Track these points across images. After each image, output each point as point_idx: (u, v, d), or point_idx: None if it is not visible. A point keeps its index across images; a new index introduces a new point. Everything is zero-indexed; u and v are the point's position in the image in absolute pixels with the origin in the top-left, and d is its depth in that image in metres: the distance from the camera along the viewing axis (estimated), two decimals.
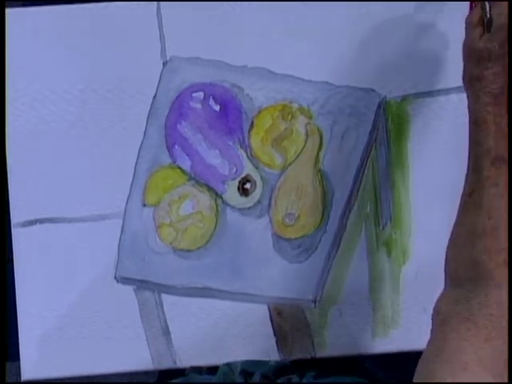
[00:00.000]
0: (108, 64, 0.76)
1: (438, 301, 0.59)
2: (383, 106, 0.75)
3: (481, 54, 0.58)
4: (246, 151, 0.75)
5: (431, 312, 0.74)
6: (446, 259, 0.61)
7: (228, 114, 0.75)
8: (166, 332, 0.74)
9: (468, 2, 0.70)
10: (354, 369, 0.88)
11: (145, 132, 0.75)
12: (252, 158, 0.75)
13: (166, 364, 0.74)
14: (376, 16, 0.76)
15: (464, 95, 0.75)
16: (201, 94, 0.75)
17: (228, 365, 0.72)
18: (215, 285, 0.74)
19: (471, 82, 0.59)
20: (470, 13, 0.61)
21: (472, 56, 0.59)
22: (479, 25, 0.59)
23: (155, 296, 0.75)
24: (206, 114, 0.75)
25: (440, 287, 0.74)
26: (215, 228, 0.75)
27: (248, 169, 0.75)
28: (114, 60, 0.76)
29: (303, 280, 0.74)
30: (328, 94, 0.75)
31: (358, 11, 0.76)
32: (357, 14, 0.76)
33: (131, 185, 0.75)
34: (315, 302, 0.74)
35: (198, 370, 0.76)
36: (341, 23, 0.76)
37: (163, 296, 0.75)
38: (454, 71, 0.76)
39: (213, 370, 0.74)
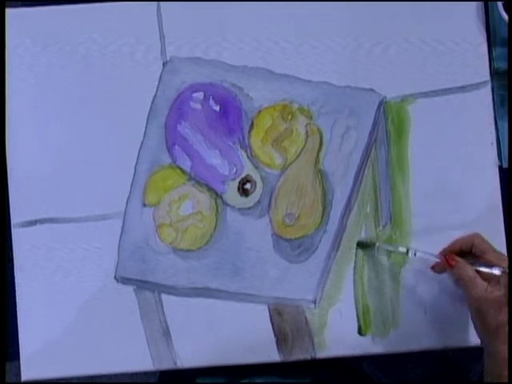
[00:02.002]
0: (108, 64, 0.76)
1: None
2: (383, 106, 0.75)
3: (500, 299, 0.64)
4: (246, 151, 0.75)
5: (431, 312, 0.75)
6: None
7: (228, 114, 0.75)
8: (166, 332, 0.74)
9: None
10: (352, 373, 0.89)
11: (145, 132, 0.75)
12: (252, 158, 0.75)
13: (166, 364, 0.74)
14: (376, 16, 0.76)
15: (464, 95, 0.76)
16: (201, 94, 0.75)
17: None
18: (215, 285, 0.74)
19: (499, 329, 0.64)
20: (456, 268, 0.68)
21: (490, 305, 0.64)
22: (477, 276, 0.66)
23: (155, 296, 0.75)
24: (206, 114, 0.75)
25: (440, 287, 0.74)
26: (215, 228, 0.75)
27: (248, 169, 0.75)
28: (113, 60, 0.76)
29: (303, 280, 0.74)
30: (328, 93, 0.75)
31: (358, 11, 0.76)
32: (357, 14, 0.76)
33: (131, 185, 0.75)
34: (315, 302, 0.74)
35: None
36: (341, 23, 0.76)
37: (163, 296, 0.75)
38: (453, 71, 0.76)
39: (213, 370, 0.74)
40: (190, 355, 0.74)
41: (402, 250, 0.72)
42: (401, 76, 0.76)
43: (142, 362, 0.74)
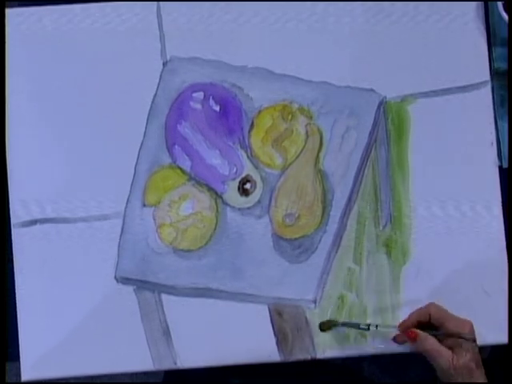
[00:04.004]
0: (108, 64, 0.76)
1: None
2: (383, 106, 0.75)
3: (468, 365, 0.65)
4: (246, 151, 0.75)
5: None
6: None
7: (228, 114, 0.75)
8: (166, 332, 0.74)
9: None
10: (352, 374, 0.89)
11: (145, 132, 0.75)
12: (252, 158, 0.75)
13: (166, 364, 0.74)
14: (376, 16, 0.76)
15: (464, 95, 0.76)
16: (201, 94, 0.75)
17: None
18: (215, 285, 0.74)
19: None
20: (418, 342, 0.68)
21: (460, 373, 0.65)
22: (440, 346, 0.66)
23: (155, 296, 0.75)
24: (206, 114, 0.75)
25: (440, 287, 0.74)
26: (215, 228, 0.75)
27: (248, 169, 0.75)
28: (114, 60, 0.76)
29: (303, 280, 0.74)
30: (328, 93, 0.75)
31: (358, 11, 0.76)
32: (357, 14, 0.76)
33: (131, 185, 0.75)
34: (315, 302, 0.74)
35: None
36: (341, 23, 0.76)
37: (163, 296, 0.75)
38: (453, 71, 0.76)
39: (214, 370, 0.74)
40: (189, 355, 0.74)
41: (363, 327, 0.71)
42: (401, 76, 0.76)
43: (142, 362, 0.74)
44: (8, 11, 0.76)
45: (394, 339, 0.71)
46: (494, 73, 0.76)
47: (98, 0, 0.76)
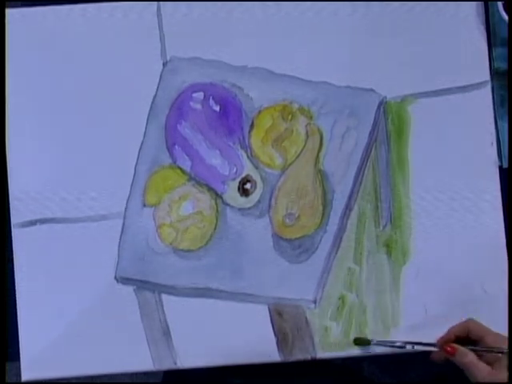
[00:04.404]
0: (108, 64, 0.76)
1: None
2: (383, 106, 0.75)
3: (505, 382, 0.64)
4: (246, 151, 0.75)
5: (431, 312, 0.75)
6: None
7: (228, 114, 0.75)
8: (166, 332, 0.74)
9: None
10: (352, 374, 0.89)
11: (145, 132, 0.75)
12: (252, 158, 0.75)
13: (166, 364, 0.74)
14: (376, 16, 0.76)
15: (464, 95, 0.76)
16: (201, 94, 0.75)
17: None
18: (215, 285, 0.74)
19: None
20: (456, 356, 0.67)
21: None
22: (479, 361, 0.65)
23: (155, 296, 0.75)
24: (206, 115, 0.75)
25: (440, 287, 0.74)
26: (215, 228, 0.75)
27: (248, 169, 0.75)
28: (114, 60, 0.76)
29: (303, 280, 0.74)
30: (328, 93, 0.75)
31: (358, 11, 0.76)
32: (357, 14, 0.76)
33: (131, 185, 0.75)
34: (315, 302, 0.74)
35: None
36: (341, 23, 0.76)
37: (163, 296, 0.75)
38: (453, 71, 0.76)
39: (213, 370, 0.74)
40: (189, 355, 0.74)
41: (401, 344, 0.71)
42: (401, 76, 0.76)
43: (142, 362, 0.74)
44: (8, 11, 0.76)
45: (433, 358, 0.71)
46: (494, 73, 0.76)
47: (98, 0, 0.76)
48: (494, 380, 0.65)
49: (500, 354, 0.66)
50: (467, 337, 0.69)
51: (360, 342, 0.73)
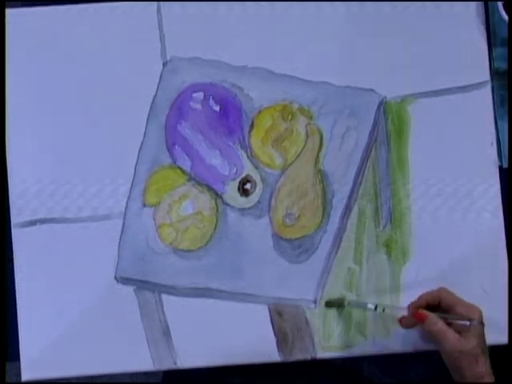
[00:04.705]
0: (108, 64, 0.76)
1: None
2: (383, 106, 0.75)
3: (474, 351, 0.65)
4: (246, 151, 0.75)
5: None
6: None
7: (228, 114, 0.75)
8: (166, 332, 0.74)
9: None
10: (352, 374, 0.89)
11: (145, 132, 0.75)
12: (252, 158, 0.75)
13: (166, 364, 0.74)
14: (376, 16, 0.76)
15: (464, 95, 0.76)
16: (201, 94, 0.75)
17: None
18: (215, 285, 0.74)
19: (477, 381, 0.64)
20: (426, 323, 0.67)
21: (465, 358, 0.64)
22: (448, 329, 0.66)
23: (155, 296, 0.75)
24: (206, 115, 0.75)
25: (440, 287, 0.74)
26: (215, 228, 0.75)
27: (248, 169, 0.75)
28: (114, 60, 0.76)
29: (303, 280, 0.74)
30: (328, 93, 0.75)
31: (358, 11, 0.76)
32: (357, 14, 0.76)
33: (131, 185, 0.75)
34: (315, 302, 0.74)
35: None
36: (341, 23, 0.76)
37: (163, 296, 0.75)
38: (453, 71, 0.76)
39: (213, 370, 0.74)
40: (189, 355, 0.74)
41: (371, 306, 0.71)
42: (401, 76, 0.76)
43: (142, 362, 0.74)
44: (8, 11, 0.76)
45: (400, 322, 0.71)
46: (494, 73, 0.76)
47: (98, 0, 0.76)
48: (461, 347, 0.65)
49: (469, 323, 0.66)
50: (438, 305, 0.69)
51: (332, 304, 0.73)
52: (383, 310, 0.71)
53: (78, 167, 0.75)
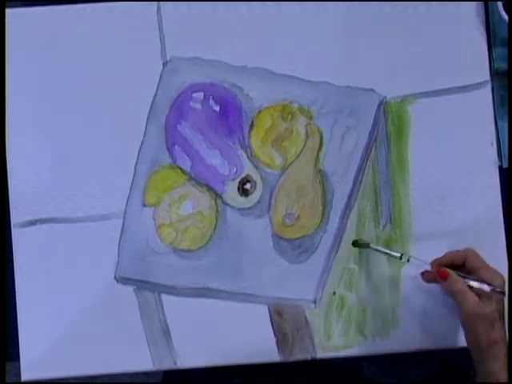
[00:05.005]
0: (108, 64, 0.76)
1: None
2: (383, 106, 0.75)
3: (492, 315, 0.64)
4: (246, 151, 0.75)
5: (431, 312, 0.74)
6: None
7: (228, 114, 0.75)
8: (166, 332, 0.74)
9: None
10: (352, 374, 0.89)
11: (145, 132, 0.75)
12: (252, 158, 0.75)
13: (166, 364, 0.74)
14: (376, 16, 0.76)
15: (464, 95, 0.76)
16: (201, 94, 0.75)
17: None
18: (215, 285, 0.74)
19: (491, 347, 0.64)
20: (447, 281, 0.67)
21: (482, 321, 0.64)
22: (468, 290, 0.65)
23: (155, 296, 0.75)
24: (206, 114, 0.75)
25: (440, 287, 0.74)
26: (215, 228, 0.75)
27: (248, 169, 0.75)
28: (114, 60, 0.76)
29: (303, 280, 0.74)
30: (328, 93, 0.75)
31: (358, 11, 0.76)
32: (357, 14, 0.76)
33: (131, 185, 0.75)
34: (315, 302, 0.74)
35: None
36: (341, 23, 0.76)
37: (163, 296, 0.75)
38: (453, 71, 0.76)
39: (213, 370, 0.74)
40: (189, 355, 0.74)
41: (396, 254, 0.71)
42: (401, 76, 0.76)
43: (142, 362, 0.74)
44: (8, 11, 0.76)
45: (423, 276, 0.71)
46: (494, 73, 0.76)
47: (98, 0, 0.76)
48: (479, 311, 0.64)
49: (489, 290, 0.65)
50: (463, 266, 0.69)
51: (359, 244, 0.73)
52: (408, 260, 0.70)
53: (77, 167, 0.75)
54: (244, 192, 0.75)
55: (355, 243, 0.74)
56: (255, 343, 0.74)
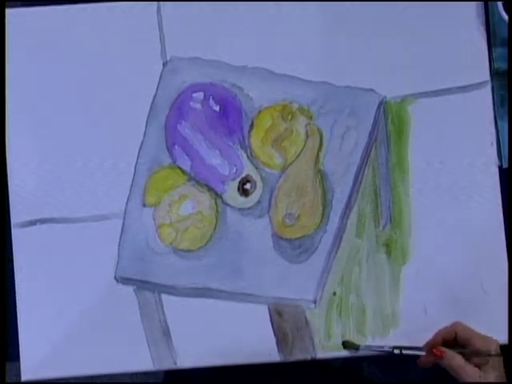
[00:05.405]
0: (108, 64, 0.76)
1: None
2: (383, 106, 0.75)
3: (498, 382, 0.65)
4: (246, 151, 0.75)
5: (431, 312, 0.75)
6: None
7: (228, 114, 0.75)
8: (166, 332, 0.74)
9: None
10: (352, 373, 0.89)
11: (145, 132, 0.75)
12: (252, 158, 0.75)
13: (166, 364, 0.74)
14: (376, 16, 0.76)
15: (464, 95, 0.76)
16: (201, 94, 0.75)
17: None
18: (215, 285, 0.74)
19: None
20: (444, 359, 0.67)
21: None
22: (467, 364, 0.65)
23: (155, 296, 0.75)
24: (206, 114, 0.75)
25: (440, 287, 0.74)
26: (215, 228, 0.75)
27: (248, 169, 0.75)
28: (113, 60, 0.76)
29: (303, 280, 0.74)
30: (328, 94, 0.75)
31: (359, 11, 0.76)
32: (357, 14, 0.76)
33: (131, 185, 0.75)
34: (315, 302, 0.74)
35: None
36: (341, 23, 0.76)
37: (163, 296, 0.75)
38: (453, 71, 0.76)
39: (213, 370, 0.74)
40: (190, 355, 0.74)
41: (388, 349, 0.71)
42: (401, 76, 0.76)
43: (142, 361, 0.74)
44: (8, 11, 0.76)
45: (420, 362, 0.71)
46: (494, 73, 0.76)
47: (98, 0, 0.76)
48: (482, 382, 0.65)
49: (487, 357, 0.66)
50: (455, 340, 0.69)
51: (348, 345, 0.73)
52: (400, 352, 0.71)
53: (77, 167, 0.75)
54: (244, 192, 0.75)
55: (344, 344, 0.74)
56: (255, 343, 0.74)
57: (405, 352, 0.71)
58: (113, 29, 0.76)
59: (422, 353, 0.70)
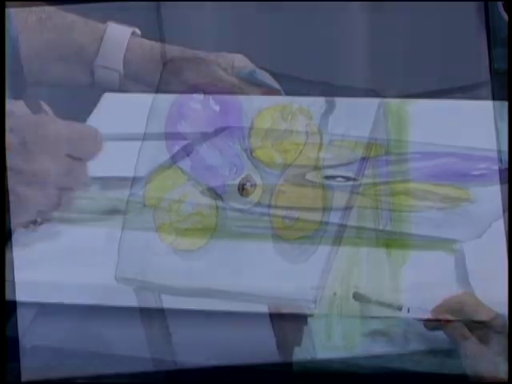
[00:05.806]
0: None
1: None
2: (383, 107, 0.75)
3: None
4: (246, 151, 0.75)
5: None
6: None
7: (228, 114, 0.75)
8: (166, 332, 0.74)
9: None
10: (352, 373, 0.88)
11: (145, 132, 0.75)
12: (252, 158, 0.75)
13: (166, 364, 0.74)
14: (376, 16, 0.76)
15: (464, 95, 0.76)
16: (201, 94, 0.76)
17: None
18: (215, 285, 0.74)
19: None
20: (448, 327, 0.67)
21: None
22: (472, 335, 0.66)
23: (155, 296, 0.75)
24: (206, 114, 0.75)
25: (440, 287, 0.74)
26: (215, 228, 0.75)
27: (248, 169, 0.75)
28: None
29: (303, 280, 0.74)
30: (328, 93, 0.75)
31: (358, 11, 0.76)
32: (357, 14, 0.76)
33: (131, 185, 0.75)
34: (315, 302, 0.74)
35: None
36: (341, 23, 0.76)
37: (163, 296, 0.75)
38: (454, 71, 0.76)
39: (213, 370, 0.74)
40: (189, 355, 0.74)
41: (396, 307, 0.71)
42: (401, 76, 0.76)
43: (142, 361, 0.74)
44: (8, 11, 0.76)
45: (425, 325, 0.70)
46: (494, 73, 0.76)
47: (98, 0, 0.76)
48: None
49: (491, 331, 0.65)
50: (462, 310, 0.68)
51: (359, 298, 0.73)
52: (408, 311, 0.71)
53: None
54: (244, 192, 0.75)
55: (355, 296, 0.73)
56: (255, 343, 0.74)
57: (412, 314, 0.70)
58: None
59: (428, 316, 0.69)
